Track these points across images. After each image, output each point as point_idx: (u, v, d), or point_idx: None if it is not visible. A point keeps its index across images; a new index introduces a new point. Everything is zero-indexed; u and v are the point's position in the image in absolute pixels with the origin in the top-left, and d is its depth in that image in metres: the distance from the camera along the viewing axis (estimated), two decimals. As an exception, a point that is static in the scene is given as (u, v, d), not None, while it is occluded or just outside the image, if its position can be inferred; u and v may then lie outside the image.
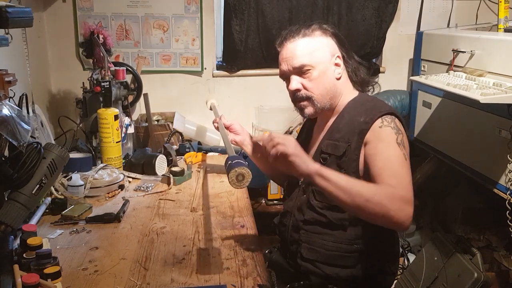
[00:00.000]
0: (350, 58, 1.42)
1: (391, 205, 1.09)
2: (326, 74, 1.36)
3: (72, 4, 2.48)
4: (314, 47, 1.36)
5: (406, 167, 1.19)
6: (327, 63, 1.37)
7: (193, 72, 2.67)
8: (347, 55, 1.41)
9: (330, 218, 1.32)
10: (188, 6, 2.56)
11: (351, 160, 1.28)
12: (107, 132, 1.88)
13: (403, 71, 2.83)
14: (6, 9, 1.18)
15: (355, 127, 1.30)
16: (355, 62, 1.43)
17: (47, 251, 1.14)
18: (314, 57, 1.35)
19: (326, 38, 1.39)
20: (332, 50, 1.39)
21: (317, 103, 1.37)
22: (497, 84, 1.76)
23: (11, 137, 1.22)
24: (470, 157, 2.06)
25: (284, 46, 1.39)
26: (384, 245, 1.37)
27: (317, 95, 1.37)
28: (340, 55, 1.39)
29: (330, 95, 1.38)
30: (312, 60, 1.35)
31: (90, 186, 1.69)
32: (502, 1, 2.21)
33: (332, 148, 1.33)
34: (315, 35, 1.37)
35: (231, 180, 1.10)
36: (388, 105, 1.37)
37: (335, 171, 1.19)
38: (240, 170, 1.10)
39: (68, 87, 2.55)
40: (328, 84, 1.37)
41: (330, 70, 1.37)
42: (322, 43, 1.38)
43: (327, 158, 1.33)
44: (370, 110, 1.30)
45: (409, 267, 2.28)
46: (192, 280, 1.17)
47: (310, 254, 1.35)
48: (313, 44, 1.36)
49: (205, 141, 2.52)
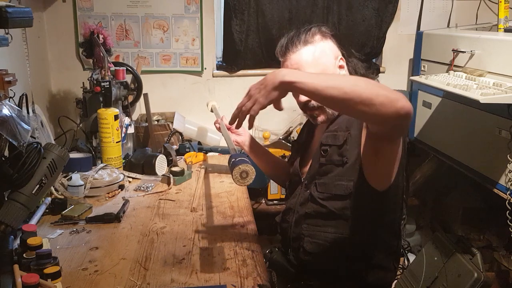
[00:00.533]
0: (351, 56, 1.42)
1: (381, 85, 1.02)
2: None
3: (72, 4, 2.49)
4: (318, 54, 1.35)
5: None
6: (332, 68, 1.37)
7: (193, 72, 2.67)
8: (347, 54, 1.42)
9: (331, 208, 1.31)
10: (188, 6, 2.56)
11: (353, 147, 1.27)
12: (107, 132, 1.88)
13: (403, 71, 2.83)
14: (6, 9, 1.18)
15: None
16: (355, 59, 1.43)
17: (47, 251, 1.14)
18: (320, 64, 1.35)
19: (327, 42, 1.38)
20: (335, 53, 1.39)
21: (328, 110, 1.37)
22: (497, 84, 1.76)
23: (11, 137, 1.22)
24: (470, 157, 2.06)
25: (287, 57, 1.38)
26: (386, 238, 1.37)
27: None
28: (342, 56, 1.40)
29: None
30: (318, 68, 1.34)
31: (90, 186, 1.69)
32: (502, 1, 2.21)
33: (332, 139, 1.32)
34: (316, 41, 1.37)
35: (235, 177, 1.11)
36: None
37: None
38: (244, 167, 1.11)
39: (68, 87, 2.55)
40: None
41: (336, 74, 1.38)
42: (324, 48, 1.37)
43: (327, 150, 1.32)
44: None
45: (409, 267, 2.28)
46: (192, 280, 1.17)
47: (313, 247, 1.35)
48: (316, 51, 1.36)
49: (206, 141, 2.52)
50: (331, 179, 1.32)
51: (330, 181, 1.32)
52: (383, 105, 0.98)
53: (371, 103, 0.98)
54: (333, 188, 1.32)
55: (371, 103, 0.98)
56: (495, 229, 2.32)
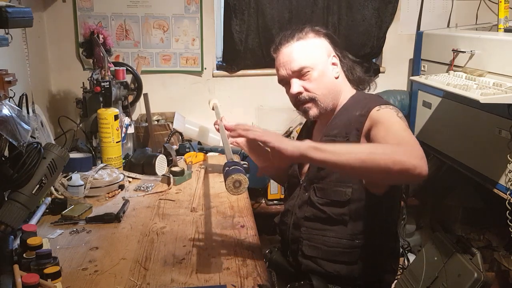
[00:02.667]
0: (345, 57, 1.43)
1: (399, 150, 1.03)
2: (325, 74, 1.37)
3: (72, 4, 2.49)
4: (310, 48, 1.37)
5: (410, 133, 1.16)
6: (325, 63, 1.38)
7: (193, 72, 2.67)
8: (341, 55, 1.43)
9: (330, 214, 1.32)
10: (188, 6, 2.56)
11: None
12: (107, 132, 1.88)
13: (403, 71, 2.83)
14: (6, 9, 1.18)
15: (351, 122, 1.30)
16: (350, 61, 1.44)
17: (47, 251, 1.14)
18: (312, 58, 1.36)
19: (320, 39, 1.40)
20: (327, 50, 1.40)
21: (320, 103, 1.38)
22: (497, 84, 1.76)
23: (11, 137, 1.22)
24: (470, 157, 2.06)
25: (279, 51, 1.40)
26: (384, 241, 1.37)
27: (320, 95, 1.37)
28: (336, 55, 1.41)
29: (332, 94, 1.39)
30: (310, 62, 1.35)
31: (90, 186, 1.68)
32: (502, 1, 2.21)
33: None
34: (309, 37, 1.39)
35: (228, 187, 1.07)
36: (386, 100, 1.37)
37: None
38: (236, 177, 1.06)
39: (68, 87, 2.55)
40: (328, 84, 1.38)
41: (329, 70, 1.38)
42: (317, 44, 1.39)
43: None
44: (366, 104, 1.31)
45: (409, 267, 2.28)
46: (192, 280, 1.17)
47: (311, 251, 1.35)
48: (308, 46, 1.37)
49: (206, 141, 2.52)
50: (330, 184, 1.32)
51: (329, 186, 1.32)
52: (401, 173, 1.00)
53: (389, 172, 1.00)
54: (332, 194, 1.32)
55: (389, 172, 1.00)
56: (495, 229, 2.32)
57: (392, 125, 1.18)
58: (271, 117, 2.71)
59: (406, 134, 1.14)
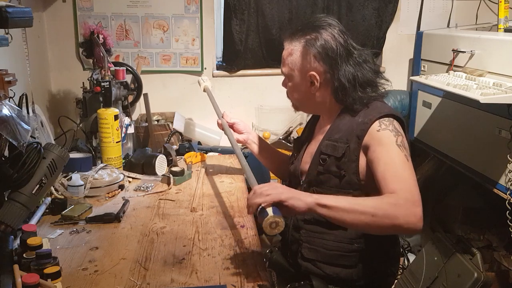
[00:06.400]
0: (340, 69, 1.32)
1: (398, 212, 1.09)
2: (299, 89, 1.40)
3: (72, 4, 2.49)
4: (292, 61, 1.37)
5: (408, 169, 1.19)
6: (299, 80, 1.38)
7: (193, 72, 2.67)
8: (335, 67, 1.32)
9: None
10: (188, 6, 2.56)
11: (351, 161, 1.28)
12: (107, 132, 1.88)
13: (403, 71, 2.84)
14: (6, 9, 1.18)
15: (353, 128, 1.30)
16: (351, 68, 1.32)
17: (47, 251, 1.14)
18: (290, 69, 1.39)
19: (307, 55, 1.33)
20: (307, 69, 1.34)
21: (299, 106, 1.47)
22: (497, 84, 1.76)
23: (11, 137, 1.22)
24: (470, 157, 2.06)
25: (284, 42, 1.42)
26: (384, 244, 1.37)
27: (294, 100, 1.45)
28: (318, 75, 1.33)
29: (309, 105, 1.44)
30: (287, 72, 1.40)
31: (90, 186, 1.68)
32: (502, 1, 2.21)
33: (331, 149, 1.32)
34: (298, 50, 1.35)
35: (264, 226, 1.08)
36: (389, 106, 1.35)
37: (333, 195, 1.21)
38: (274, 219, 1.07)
39: (68, 87, 2.55)
40: (302, 97, 1.41)
41: (304, 86, 1.38)
42: (298, 61, 1.36)
43: (326, 159, 1.33)
44: (369, 111, 1.30)
45: (409, 267, 2.28)
46: (192, 280, 1.17)
47: (311, 253, 1.35)
48: (293, 57, 1.37)
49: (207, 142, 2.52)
50: (330, 190, 1.32)
51: (329, 192, 1.31)
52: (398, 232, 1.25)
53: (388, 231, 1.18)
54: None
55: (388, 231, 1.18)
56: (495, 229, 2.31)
57: (392, 160, 1.20)
58: (271, 117, 2.71)
59: (405, 174, 1.17)
